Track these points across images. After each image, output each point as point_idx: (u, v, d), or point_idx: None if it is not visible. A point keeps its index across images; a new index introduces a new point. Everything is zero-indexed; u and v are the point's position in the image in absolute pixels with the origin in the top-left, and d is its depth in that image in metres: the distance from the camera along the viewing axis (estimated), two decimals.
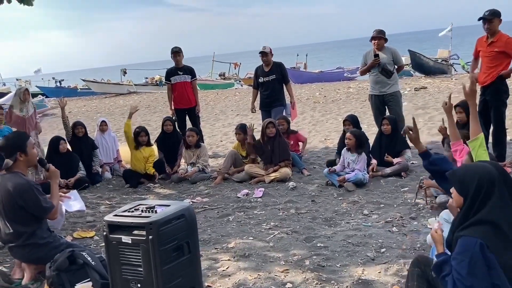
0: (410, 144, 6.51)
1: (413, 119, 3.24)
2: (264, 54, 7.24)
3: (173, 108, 7.89)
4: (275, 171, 6.12)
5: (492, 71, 5.64)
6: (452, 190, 2.40)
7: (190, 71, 7.89)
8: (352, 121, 6.41)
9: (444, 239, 2.43)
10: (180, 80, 7.77)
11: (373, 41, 6.91)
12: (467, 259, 2.10)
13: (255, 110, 7.88)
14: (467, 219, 2.22)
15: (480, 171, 2.27)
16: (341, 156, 5.92)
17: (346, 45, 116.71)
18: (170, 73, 7.89)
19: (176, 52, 7.74)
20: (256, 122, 7.50)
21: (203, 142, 7.30)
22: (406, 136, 3.26)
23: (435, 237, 2.49)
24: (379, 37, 6.86)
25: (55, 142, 6.73)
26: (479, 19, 5.68)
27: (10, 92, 21.69)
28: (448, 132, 3.78)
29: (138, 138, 6.78)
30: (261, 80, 7.37)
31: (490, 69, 5.67)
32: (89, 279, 3.14)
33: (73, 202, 4.13)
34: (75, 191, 4.49)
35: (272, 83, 7.31)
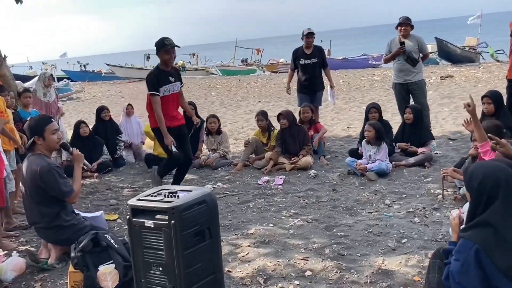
0: (435, 134, 6.45)
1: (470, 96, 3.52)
2: (311, 34, 7.19)
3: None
4: (298, 161, 6.08)
5: None
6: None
7: None
8: (378, 110, 6.29)
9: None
10: None
11: (399, 28, 6.77)
12: (462, 260, 2.18)
13: (290, 91, 7.86)
14: (474, 217, 2.22)
15: (488, 170, 2.24)
16: (363, 148, 5.84)
17: (371, 32, 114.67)
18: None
19: None
20: (277, 110, 7.45)
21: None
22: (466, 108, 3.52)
23: (452, 224, 2.53)
24: (406, 23, 6.72)
25: (77, 126, 6.85)
26: None
27: (37, 75, 22.05)
28: (475, 135, 3.83)
29: None
30: (302, 62, 7.28)
31: None
32: (112, 261, 3.21)
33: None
34: (102, 213, 4.24)
35: (313, 67, 7.27)
